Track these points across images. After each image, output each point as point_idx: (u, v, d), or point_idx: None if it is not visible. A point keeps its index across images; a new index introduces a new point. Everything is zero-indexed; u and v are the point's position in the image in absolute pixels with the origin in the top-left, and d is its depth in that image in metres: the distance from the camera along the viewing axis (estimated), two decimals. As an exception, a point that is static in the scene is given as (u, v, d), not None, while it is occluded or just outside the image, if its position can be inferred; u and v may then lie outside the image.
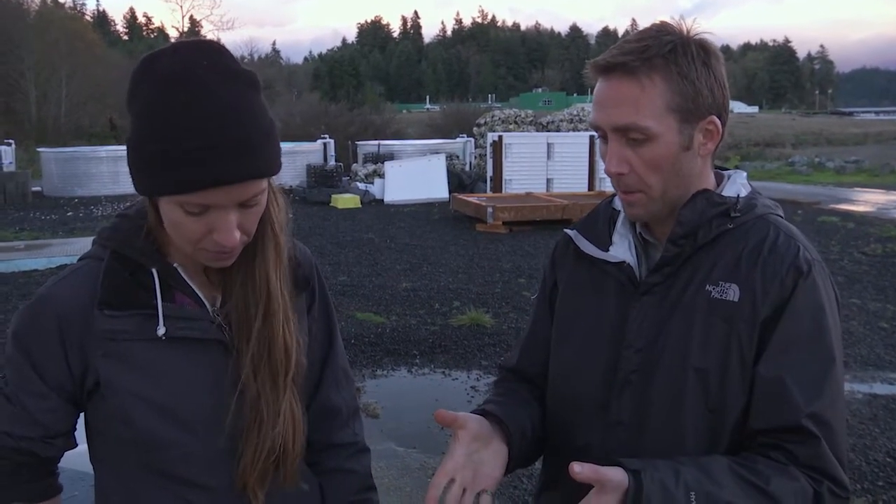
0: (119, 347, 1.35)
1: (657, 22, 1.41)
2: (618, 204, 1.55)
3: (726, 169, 1.56)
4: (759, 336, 1.37)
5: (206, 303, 1.42)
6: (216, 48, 1.28)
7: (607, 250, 1.54)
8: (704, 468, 1.31)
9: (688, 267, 1.44)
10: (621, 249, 1.52)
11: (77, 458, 1.50)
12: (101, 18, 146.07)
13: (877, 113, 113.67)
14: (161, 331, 1.35)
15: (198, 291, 1.42)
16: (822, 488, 1.31)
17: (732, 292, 1.38)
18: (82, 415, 1.45)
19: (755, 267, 1.38)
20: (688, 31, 1.39)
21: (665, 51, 1.35)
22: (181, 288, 1.40)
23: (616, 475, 1.26)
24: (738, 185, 1.50)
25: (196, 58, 1.25)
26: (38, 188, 23.66)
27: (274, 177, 1.35)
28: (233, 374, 1.40)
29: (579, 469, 1.24)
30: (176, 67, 1.23)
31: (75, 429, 1.46)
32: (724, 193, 1.46)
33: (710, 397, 1.39)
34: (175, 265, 1.40)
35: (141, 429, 1.36)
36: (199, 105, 1.21)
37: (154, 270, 1.38)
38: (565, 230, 1.67)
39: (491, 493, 1.37)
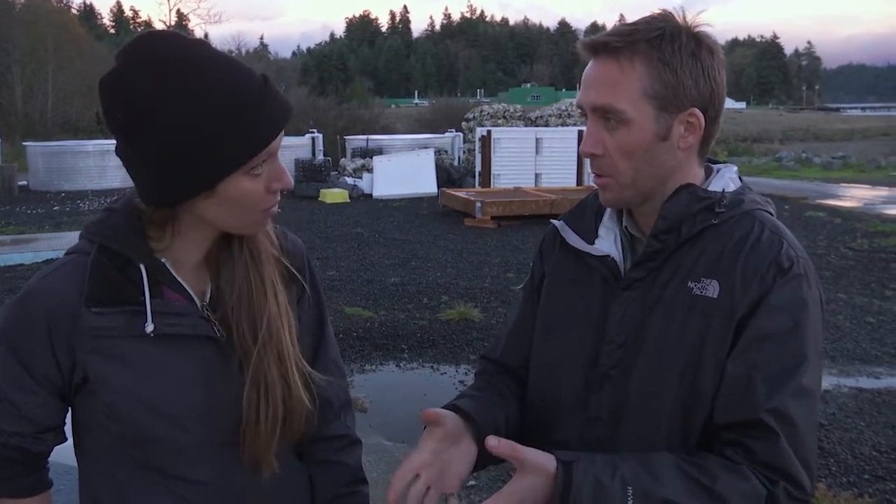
0: (107, 344, 1.34)
1: (660, 11, 1.39)
2: None
3: (718, 162, 1.53)
4: (735, 333, 1.34)
5: (195, 298, 1.41)
6: (176, 32, 1.35)
7: (593, 243, 1.52)
8: (646, 464, 1.28)
9: (671, 262, 1.41)
10: (606, 243, 1.50)
11: (63, 452, 1.49)
12: (88, 12, 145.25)
13: (863, 109, 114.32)
14: (149, 328, 1.34)
15: (187, 287, 1.41)
16: (776, 489, 1.27)
17: (712, 288, 1.36)
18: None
19: (736, 263, 1.35)
20: (685, 22, 1.36)
21: (651, 36, 1.34)
22: (169, 283, 1.39)
23: (538, 457, 1.25)
24: (726, 179, 1.46)
25: (180, 40, 1.29)
26: (24, 182, 23.49)
27: None
28: (227, 368, 1.41)
29: (495, 443, 1.24)
30: (182, 52, 1.27)
31: (64, 423, 1.45)
32: (711, 188, 1.43)
33: (684, 394, 1.37)
34: (163, 261, 1.39)
35: (129, 425, 1.36)
36: (231, 71, 1.28)
37: (142, 266, 1.36)
38: (552, 221, 1.65)
39: (458, 494, 1.36)
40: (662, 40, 1.34)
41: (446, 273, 10.83)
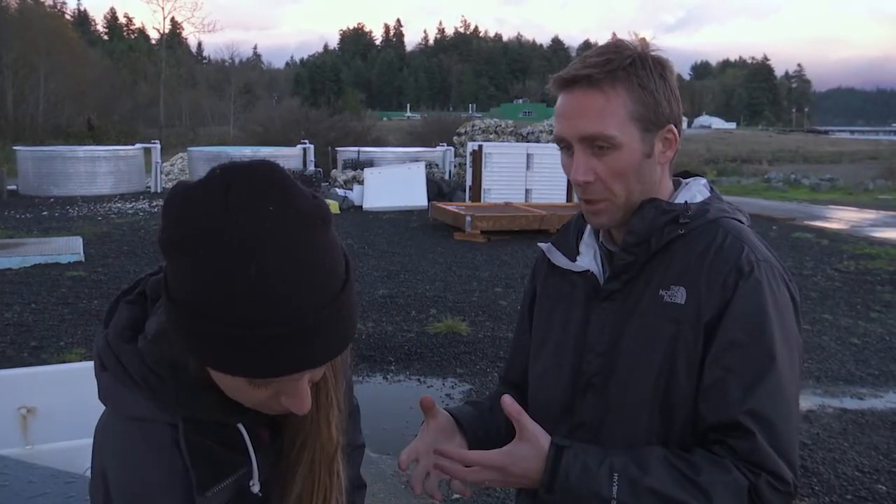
0: None
1: (614, 39, 1.48)
2: None
3: (689, 176, 1.62)
4: (705, 338, 1.41)
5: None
6: (278, 179, 1.01)
7: (575, 261, 1.61)
8: (635, 456, 1.38)
9: (644, 273, 1.49)
10: (587, 259, 1.59)
11: (54, 456, 1.50)
12: (82, 18, 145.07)
13: (852, 132, 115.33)
14: (255, 488, 1.20)
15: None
16: (759, 480, 1.35)
17: (680, 295, 1.44)
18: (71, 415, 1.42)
19: (701, 269, 1.44)
20: (643, 48, 1.45)
21: (626, 64, 1.41)
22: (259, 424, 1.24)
23: (537, 431, 1.40)
24: (692, 191, 1.55)
25: (260, 203, 0.98)
26: (13, 187, 23.45)
27: None
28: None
29: (509, 401, 1.38)
30: (244, 232, 0.96)
31: None
32: (676, 201, 1.52)
33: (660, 398, 1.45)
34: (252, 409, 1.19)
35: None
36: (270, 279, 0.97)
37: (241, 426, 1.18)
38: (539, 244, 1.76)
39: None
40: (636, 66, 1.42)
41: (435, 286, 10.84)
